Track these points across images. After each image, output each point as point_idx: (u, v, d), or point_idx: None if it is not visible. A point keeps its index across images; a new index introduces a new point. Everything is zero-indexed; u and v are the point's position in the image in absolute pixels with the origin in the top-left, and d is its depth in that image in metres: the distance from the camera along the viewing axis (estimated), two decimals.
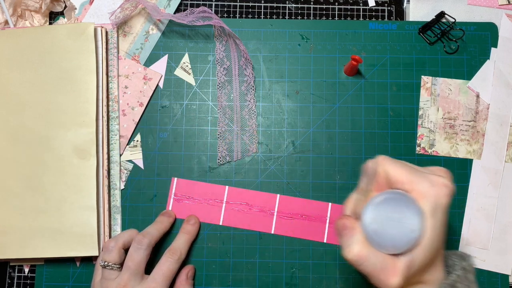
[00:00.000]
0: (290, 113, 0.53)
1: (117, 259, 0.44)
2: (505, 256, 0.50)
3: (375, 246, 0.34)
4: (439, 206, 0.33)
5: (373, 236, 0.33)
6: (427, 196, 0.33)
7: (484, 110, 0.52)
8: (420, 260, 0.33)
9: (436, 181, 0.34)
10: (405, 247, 0.33)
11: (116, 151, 0.51)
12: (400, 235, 0.33)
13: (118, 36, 0.53)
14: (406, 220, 0.33)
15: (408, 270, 0.33)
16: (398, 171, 0.34)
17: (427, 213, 0.33)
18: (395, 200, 0.33)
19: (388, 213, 0.33)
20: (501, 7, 0.54)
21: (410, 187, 0.34)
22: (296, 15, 0.55)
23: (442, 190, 0.33)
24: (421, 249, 0.33)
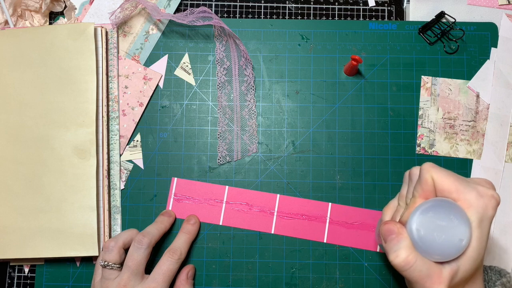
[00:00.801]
0: (290, 113, 0.53)
1: (117, 259, 0.44)
2: (505, 256, 0.50)
3: (421, 253, 0.34)
4: (486, 217, 0.33)
5: (419, 243, 0.33)
6: (474, 207, 0.33)
7: (484, 110, 0.52)
8: (465, 270, 0.33)
9: (484, 192, 0.34)
10: (452, 255, 0.33)
11: (116, 151, 0.51)
12: (448, 243, 0.33)
13: (118, 36, 0.53)
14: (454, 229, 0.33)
15: (452, 279, 0.33)
16: (446, 179, 0.35)
17: (473, 223, 0.33)
18: (442, 208, 0.33)
19: (436, 220, 0.33)
20: (501, 7, 0.54)
21: (457, 196, 0.34)
22: (296, 15, 0.55)
23: (490, 202, 0.34)
24: (466, 259, 0.33)
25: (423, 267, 0.33)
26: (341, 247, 0.50)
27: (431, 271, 0.33)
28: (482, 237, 0.33)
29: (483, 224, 0.33)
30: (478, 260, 0.34)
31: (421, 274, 0.33)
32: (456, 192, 0.34)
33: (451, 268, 0.33)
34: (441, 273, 0.33)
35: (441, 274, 0.33)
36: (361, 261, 0.50)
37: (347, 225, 0.50)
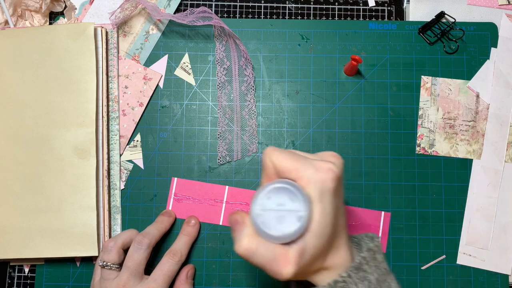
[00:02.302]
0: (290, 113, 0.53)
1: (116, 259, 0.44)
2: (505, 256, 0.50)
3: (265, 238, 0.33)
4: (326, 190, 0.33)
5: (261, 227, 0.33)
6: (312, 182, 0.33)
7: (484, 110, 0.52)
8: (313, 246, 0.33)
9: (321, 166, 0.34)
10: (293, 235, 0.33)
11: (116, 151, 0.51)
12: (287, 224, 0.33)
13: (118, 36, 0.53)
14: (293, 208, 0.33)
15: (301, 257, 0.33)
16: (283, 160, 0.34)
17: (314, 199, 0.33)
18: (281, 190, 0.33)
19: (274, 203, 0.33)
20: (501, 7, 0.54)
21: (296, 175, 0.34)
22: (296, 15, 0.55)
23: (328, 175, 0.33)
24: (312, 235, 0.33)
25: (266, 252, 0.33)
26: None
27: (276, 254, 0.33)
28: (325, 211, 0.33)
29: (324, 197, 0.33)
30: (326, 233, 0.33)
31: (266, 259, 0.33)
32: (295, 171, 0.34)
33: (297, 247, 0.33)
34: (288, 254, 0.33)
35: (287, 255, 0.33)
36: None
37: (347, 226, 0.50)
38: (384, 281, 0.36)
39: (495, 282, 0.50)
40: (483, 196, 0.51)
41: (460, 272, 0.50)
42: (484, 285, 0.50)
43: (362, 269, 0.35)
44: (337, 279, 0.34)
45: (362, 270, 0.35)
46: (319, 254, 0.34)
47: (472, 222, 0.51)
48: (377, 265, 0.36)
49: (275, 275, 0.33)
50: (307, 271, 0.34)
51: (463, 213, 0.51)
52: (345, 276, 0.34)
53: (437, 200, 0.51)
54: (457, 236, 0.51)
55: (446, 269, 0.50)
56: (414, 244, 0.51)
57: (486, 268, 0.50)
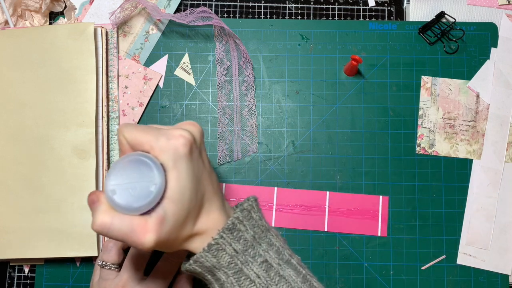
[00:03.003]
0: (290, 113, 0.53)
1: (116, 259, 0.44)
2: (505, 256, 0.50)
3: (122, 211, 0.33)
4: (179, 156, 0.33)
5: (115, 201, 0.33)
6: (165, 150, 0.33)
7: (484, 110, 0.52)
8: (174, 212, 0.33)
9: (172, 134, 0.34)
10: (151, 203, 0.33)
11: (116, 151, 0.51)
12: (141, 193, 0.33)
13: (118, 36, 0.53)
14: (145, 178, 0.33)
15: (161, 224, 0.33)
16: (135, 133, 0.34)
17: (168, 167, 0.33)
18: (133, 162, 0.34)
19: (129, 175, 0.33)
20: (501, 7, 0.54)
21: (149, 146, 0.34)
22: (296, 15, 0.55)
23: (179, 141, 0.34)
24: (170, 201, 0.33)
25: (122, 224, 0.33)
26: (341, 247, 0.50)
27: (133, 225, 0.33)
28: (181, 176, 0.33)
29: (179, 163, 0.33)
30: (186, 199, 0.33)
31: (123, 231, 0.33)
32: (147, 143, 0.34)
33: (157, 215, 0.33)
34: (146, 223, 0.33)
35: (146, 225, 0.33)
36: (361, 261, 0.50)
37: (347, 212, 0.51)
38: (264, 237, 0.36)
39: (495, 282, 0.50)
40: (483, 196, 0.51)
41: (460, 272, 0.50)
42: (484, 285, 0.50)
43: (236, 229, 0.35)
44: (211, 243, 0.34)
45: (236, 230, 0.35)
46: (182, 219, 0.34)
47: (472, 222, 0.51)
48: (254, 224, 0.36)
49: (137, 245, 0.33)
50: (176, 238, 0.34)
51: (463, 213, 0.51)
52: (217, 238, 0.34)
53: (437, 200, 0.51)
54: (457, 236, 0.51)
55: (446, 269, 0.50)
56: (414, 244, 0.50)
57: (486, 268, 0.50)
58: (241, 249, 0.35)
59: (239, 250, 0.35)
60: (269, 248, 0.36)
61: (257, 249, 0.35)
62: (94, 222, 0.33)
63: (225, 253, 0.34)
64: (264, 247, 0.36)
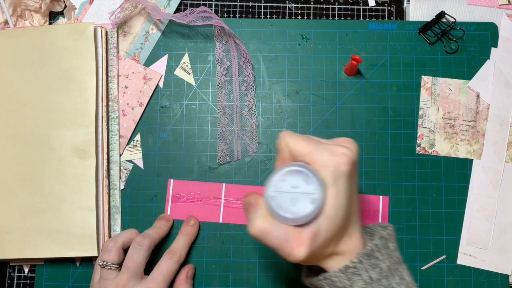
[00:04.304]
0: (290, 113, 0.53)
1: (116, 259, 0.44)
2: (505, 256, 0.50)
3: (278, 219, 0.34)
4: (340, 174, 0.33)
5: (275, 209, 0.33)
6: (327, 166, 0.33)
7: (484, 110, 0.52)
8: (327, 229, 0.33)
9: (335, 151, 0.34)
10: (307, 217, 0.33)
11: (116, 151, 0.51)
12: (301, 206, 0.33)
13: (118, 36, 0.53)
14: (307, 191, 0.33)
15: (314, 240, 0.33)
16: (298, 144, 0.35)
17: (328, 182, 0.33)
18: (296, 172, 0.34)
19: (289, 185, 0.34)
20: (501, 7, 0.54)
21: (311, 158, 0.34)
22: (296, 15, 0.55)
23: (342, 159, 0.33)
24: (325, 218, 0.33)
25: (280, 233, 0.33)
26: None
27: (289, 235, 0.33)
28: (339, 194, 0.33)
29: (338, 181, 0.33)
30: (339, 217, 0.33)
31: (279, 240, 0.33)
32: (310, 155, 0.34)
33: (311, 229, 0.33)
34: (301, 236, 0.33)
35: (300, 237, 0.33)
36: None
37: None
38: (396, 269, 0.36)
39: (495, 282, 0.50)
40: (483, 196, 0.51)
41: (460, 272, 0.50)
42: (484, 285, 0.50)
43: (373, 256, 0.35)
44: (348, 265, 0.34)
45: (373, 257, 0.35)
46: (332, 237, 0.34)
47: (472, 222, 0.51)
48: (389, 254, 0.36)
49: (288, 256, 0.33)
50: (319, 255, 0.34)
51: (463, 213, 0.51)
52: (356, 262, 0.34)
53: (437, 200, 0.51)
54: (457, 236, 0.51)
55: (446, 269, 0.50)
56: (414, 244, 0.50)
57: (486, 268, 0.50)
58: (376, 277, 0.34)
59: (374, 278, 0.34)
60: (401, 282, 0.35)
61: (390, 281, 0.35)
62: (253, 226, 0.34)
63: (360, 279, 0.34)
64: (397, 281, 0.35)
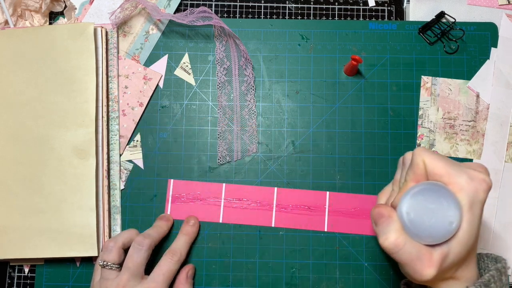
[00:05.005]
0: (290, 113, 0.53)
1: (116, 259, 0.44)
2: (505, 256, 0.50)
3: (411, 236, 0.33)
4: (477, 200, 0.33)
5: (409, 225, 0.33)
6: (465, 190, 0.33)
7: (484, 110, 0.52)
8: (456, 253, 0.33)
9: (475, 175, 0.34)
10: (442, 238, 0.33)
11: (116, 151, 0.51)
12: (438, 226, 0.33)
13: (118, 36, 0.53)
14: (444, 212, 0.33)
15: (443, 262, 0.33)
16: (437, 163, 0.34)
17: (464, 207, 0.33)
18: (433, 191, 0.33)
19: (426, 203, 0.33)
20: (501, 7, 0.54)
21: (448, 180, 0.34)
22: (296, 15, 0.55)
23: (481, 185, 0.33)
24: (457, 242, 0.33)
25: (412, 249, 0.33)
26: (341, 247, 0.50)
27: (421, 253, 0.33)
28: (473, 221, 0.33)
29: (474, 207, 0.33)
30: (469, 243, 0.33)
31: (411, 256, 0.33)
32: (447, 176, 0.34)
33: (442, 251, 0.33)
34: (432, 256, 0.33)
35: (431, 257, 0.33)
36: (361, 261, 0.50)
37: (347, 212, 0.51)
38: None
39: None
40: None
41: None
42: None
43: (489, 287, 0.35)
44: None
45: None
46: (458, 262, 0.34)
47: None
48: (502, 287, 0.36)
49: (416, 274, 0.33)
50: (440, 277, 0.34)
51: None
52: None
53: None
54: None
55: None
56: None
57: None
58: None
59: None
60: None
61: None
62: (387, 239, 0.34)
63: None
64: None
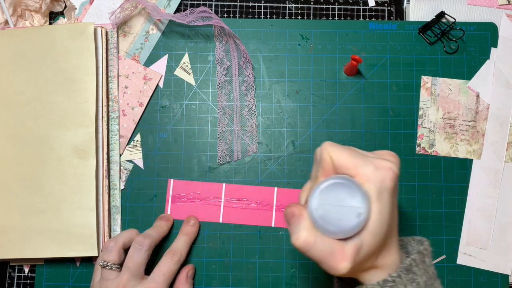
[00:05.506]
0: (290, 113, 0.53)
1: (117, 259, 0.44)
2: (505, 256, 0.50)
3: (322, 232, 0.33)
4: (384, 189, 0.33)
5: (319, 222, 0.33)
6: (371, 180, 0.33)
7: (484, 110, 0.52)
8: (369, 244, 0.33)
9: (381, 164, 0.33)
10: (352, 231, 0.33)
11: (116, 151, 0.51)
12: (346, 219, 0.33)
13: (118, 36, 0.53)
14: (352, 204, 0.33)
15: (357, 254, 0.33)
16: (342, 156, 0.34)
17: (372, 197, 0.33)
18: (340, 185, 0.33)
19: (334, 198, 0.33)
20: (501, 7, 0.54)
21: (355, 171, 0.34)
22: (296, 15, 0.55)
23: (387, 174, 0.33)
24: (369, 232, 0.33)
25: (324, 246, 0.33)
26: None
27: (333, 249, 0.33)
28: (383, 209, 0.33)
29: (383, 196, 0.33)
30: (382, 232, 0.33)
31: (323, 253, 0.33)
32: (354, 168, 0.34)
33: (354, 243, 0.33)
34: (344, 249, 0.33)
35: (344, 251, 0.33)
36: None
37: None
38: (432, 285, 0.36)
39: (495, 282, 0.50)
40: (483, 196, 0.51)
41: (460, 272, 0.50)
42: (484, 285, 0.50)
43: (411, 271, 0.35)
44: (387, 279, 0.34)
45: (411, 272, 0.35)
46: (374, 252, 0.34)
47: (472, 222, 0.51)
48: (425, 269, 0.36)
49: (331, 269, 0.33)
50: (359, 268, 0.34)
51: (463, 213, 0.51)
52: (395, 276, 0.34)
53: (437, 200, 0.51)
54: (457, 236, 0.51)
55: (446, 269, 0.50)
56: None
57: (486, 268, 0.50)
58: None
59: None
60: None
61: None
62: (298, 238, 0.33)
63: None
64: None
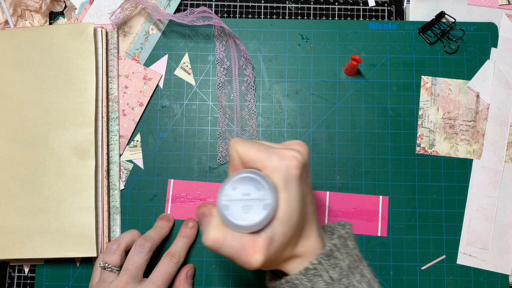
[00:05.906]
0: (290, 113, 0.53)
1: (118, 262, 0.44)
2: (505, 256, 0.50)
3: (232, 228, 0.34)
4: (291, 178, 0.33)
5: (228, 218, 0.33)
6: (277, 170, 0.33)
7: (484, 110, 0.52)
8: (282, 234, 0.33)
9: (285, 154, 0.34)
10: (261, 223, 0.33)
11: (116, 151, 0.51)
12: (255, 212, 0.33)
13: (118, 36, 0.53)
14: (258, 196, 0.33)
15: (269, 245, 0.33)
16: (248, 150, 0.34)
17: (279, 187, 0.33)
18: (247, 179, 0.34)
19: (241, 192, 0.34)
20: (501, 7, 0.54)
21: (262, 164, 0.34)
22: (296, 15, 0.55)
23: (292, 162, 0.33)
24: (279, 222, 0.33)
25: (234, 241, 0.33)
26: None
27: (243, 243, 0.33)
28: (292, 198, 0.33)
29: (290, 185, 0.33)
30: (293, 220, 0.33)
31: (234, 249, 0.33)
32: (260, 161, 0.34)
33: (266, 235, 0.33)
34: (256, 242, 0.33)
35: (255, 244, 0.33)
36: None
37: (347, 212, 0.51)
38: (357, 267, 0.36)
39: (495, 282, 0.50)
40: (483, 196, 0.51)
41: (460, 272, 0.50)
42: (484, 285, 0.50)
43: (333, 256, 0.35)
44: (308, 267, 0.34)
45: (333, 257, 0.35)
46: (288, 241, 0.34)
47: (472, 222, 0.51)
48: (348, 252, 0.36)
49: (245, 264, 0.33)
50: (277, 259, 0.34)
51: (463, 213, 0.51)
52: (315, 263, 0.34)
53: (437, 200, 0.51)
54: (457, 236, 0.51)
55: (446, 269, 0.50)
56: (414, 244, 0.50)
57: (486, 268, 0.50)
58: (336, 277, 0.34)
59: (335, 278, 0.34)
60: (362, 280, 0.35)
61: (351, 280, 0.35)
62: (207, 237, 0.34)
63: (321, 279, 0.34)
64: (358, 278, 0.35)
